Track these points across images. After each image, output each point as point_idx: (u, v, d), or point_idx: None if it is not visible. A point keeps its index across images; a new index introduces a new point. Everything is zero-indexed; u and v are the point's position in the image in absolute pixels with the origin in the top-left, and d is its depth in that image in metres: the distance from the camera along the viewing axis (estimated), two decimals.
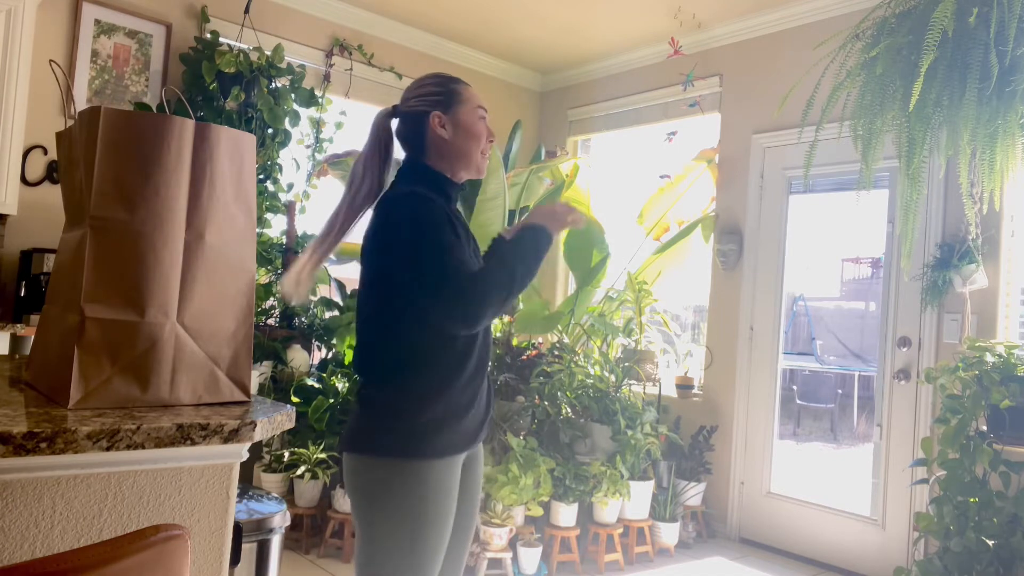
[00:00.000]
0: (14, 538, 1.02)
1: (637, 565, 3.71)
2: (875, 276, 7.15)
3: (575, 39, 4.89)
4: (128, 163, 1.17)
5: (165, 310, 1.19)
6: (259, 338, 3.82)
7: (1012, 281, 3.38)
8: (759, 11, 4.25)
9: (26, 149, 3.57)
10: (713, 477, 4.28)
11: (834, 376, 7.24)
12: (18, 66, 3.38)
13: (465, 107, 1.64)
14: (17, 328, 3.22)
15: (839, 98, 3.06)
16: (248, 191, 1.30)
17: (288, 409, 1.27)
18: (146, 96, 3.93)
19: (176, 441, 1.06)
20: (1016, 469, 2.71)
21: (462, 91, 1.66)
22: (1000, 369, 2.80)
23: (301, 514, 3.54)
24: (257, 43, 4.16)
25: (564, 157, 4.79)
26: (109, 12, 3.82)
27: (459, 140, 1.62)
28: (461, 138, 1.63)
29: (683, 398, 4.43)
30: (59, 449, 0.96)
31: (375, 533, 1.50)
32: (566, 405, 3.79)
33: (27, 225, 3.56)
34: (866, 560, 3.70)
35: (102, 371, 1.14)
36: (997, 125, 2.67)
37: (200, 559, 1.17)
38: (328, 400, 3.64)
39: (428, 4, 4.50)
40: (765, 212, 4.28)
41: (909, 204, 2.92)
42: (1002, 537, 2.68)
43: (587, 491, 3.52)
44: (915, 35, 2.78)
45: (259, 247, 3.98)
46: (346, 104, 4.61)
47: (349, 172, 1.65)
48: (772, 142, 4.25)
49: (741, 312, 4.31)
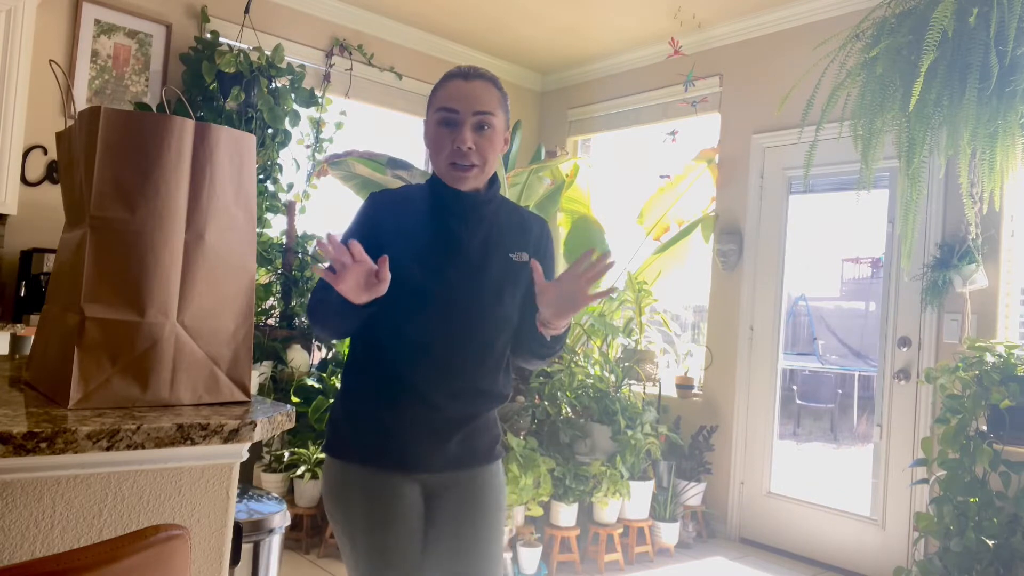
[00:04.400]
0: (14, 538, 1.02)
1: (637, 565, 3.71)
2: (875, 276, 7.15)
3: (575, 39, 4.89)
4: (128, 163, 1.17)
5: (165, 310, 1.19)
6: (259, 338, 3.82)
7: (1012, 281, 3.37)
8: (759, 11, 4.25)
9: (26, 149, 3.57)
10: (713, 477, 4.28)
11: (834, 376, 7.23)
12: (18, 66, 3.38)
13: (430, 112, 1.49)
14: (17, 328, 3.22)
15: (839, 98, 3.06)
16: (248, 191, 1.30)
17: (288, 409, 1.27)
18: (146, 96, 3.93)
19: (176, 441, 1.06)
20: (1016, 469, 2.71)
21: (435, 92, 1.49)
22: (1000, 369, 2.80)
23: (301, 514, 3.54)
24: (257, 43, 4.16)
25: (564, 157, 4.79)
26: (109, 12, 3.82)
27: (430, 151, 1.49)
28: (430, 150, 1.49)
29: (683, 398, 4.43)
30: (59, 449, 0.96)
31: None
32: (566, 405, 3.79)
33: (27, 225, 3.56)
34: (866, 560, 3.70)
35: (102, 371, 1.14)
36: (997, 125, 2.67)
37: (200, 559, 1.17)
38: (328, 400, 3.64)
39: (428, 4, 4.50)
40: (765, 212, 4.28)
41: (909, 204, 2.92)
42: (1002, 537, 2.68)
43: (587, 491, 3.51)
44: (915, 35, 2.78)
45: (259, 247, 3.98)
46: (346, 104, 4.61)
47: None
48: (772, 142, 4.25)
49: (741, 312, 4.31)
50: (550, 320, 1.42)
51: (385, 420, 1.47)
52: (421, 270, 1.41)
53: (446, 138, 1.44)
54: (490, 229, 1.52)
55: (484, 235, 1.51)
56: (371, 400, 1.48)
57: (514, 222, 1.57)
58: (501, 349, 1.53)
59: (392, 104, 4.86)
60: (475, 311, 1.48)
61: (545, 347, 1.50)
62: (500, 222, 1.55)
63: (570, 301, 1.37)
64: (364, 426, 1.48)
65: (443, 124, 1.45)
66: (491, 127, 1.46)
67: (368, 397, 1.49)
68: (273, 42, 4.20)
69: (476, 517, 1.53)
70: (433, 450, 1.48)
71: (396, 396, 1.46)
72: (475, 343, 1.49)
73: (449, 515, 1.52)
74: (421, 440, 1.47)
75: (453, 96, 1.44)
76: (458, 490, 1.52)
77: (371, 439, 1.47)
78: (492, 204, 1.54)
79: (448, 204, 1.50)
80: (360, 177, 4.15)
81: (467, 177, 1.46)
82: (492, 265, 1.50)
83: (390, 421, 1.46)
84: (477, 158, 1.44)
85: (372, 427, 1.47)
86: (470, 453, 1.52)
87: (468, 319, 1.47)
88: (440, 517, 1.51)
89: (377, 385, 1.48)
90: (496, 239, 1.52)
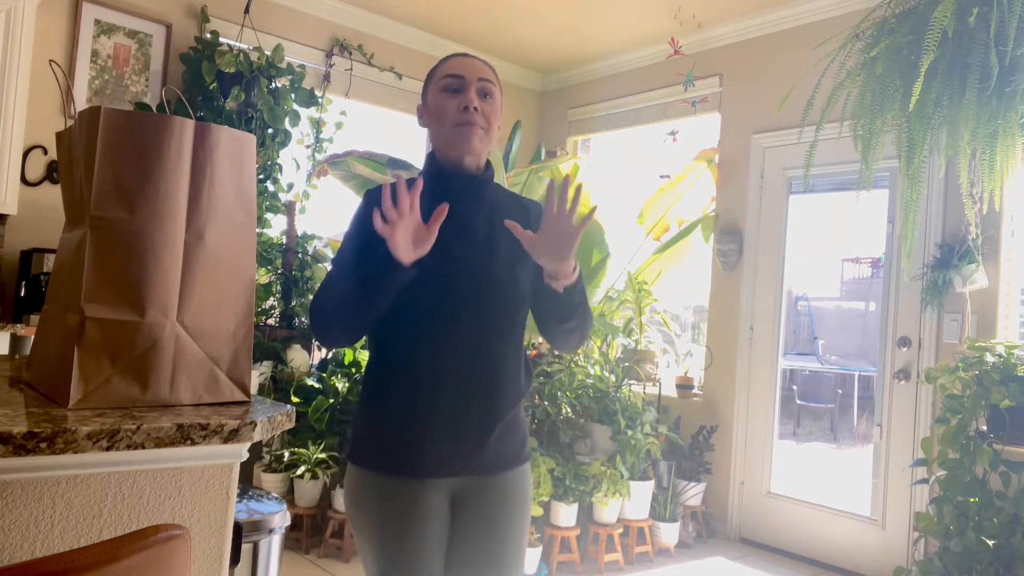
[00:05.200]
0: (14, 538, 1.02)
1: (637, 565, 3.71)
2: (875, 276, 7.14)
3: (575, 39, 4.89)
4: (128, 163, 1.17)
5: (165, 310, 1.19)
6: (259, 338, 3.82)
7: (1012, 281, 3.37)
8: (759, 11, 4.25)
9: (26, 149, 3.57)
10: (713, 477, 4.28)
11: (834, 376, 7.23)
12: (18, 66, 3.38)
13: (431, 86, 1.50)
14: (17, 328, 3.22)
15: (839, 98, 3.06)
16: (248, 191, 1.30)
17: (288, 409, 1.27)
18: (146, 96, 3.93)
19: (176, 441, 1.06)
20: (1016, 469, 2.71)
21: (434, 70, 1.51)
22: (1000, 369, 2.80)
23: (301, 514, 3.54)
24: (257, 43, 4.16)
25: (564, 157, 4.79)
26: (109, 12, 3.82)
27: (432, 124, 1.49)
28: (433, 122, 1.49)
29: (683, 398, 4.43)
30: (59, 449, 0.96)
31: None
32: (566, 405, 3.79)
33: (27, 225, 3.56)
34: (866, 560, 3.70)
35: (102, 371, 1.14)
36: (997, 125, 2.67)
37: (200, 559, 1.17)
38: (328, 400, 3.64)
39: (428, 4, 4.50)
40: (765, 212, 4.28)
41: (909, 204, 2.92)
42: (1002, 537, 2.68)
43: (587, 491, 3.52)
44: (915, 35, 2.78)
45: (259, 247, 3.98)
46: (346, 104, 4.61)
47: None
48: (772, 142, 4.25)
49: (741, 312, 4.31)
50: (554, 268, 1.38)
51: (408, 424, 1.42)
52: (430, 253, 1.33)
53: (451, 102, 1.45)
54: (493, 208, 1.52)
55: (488, 213, 1.51)
56: (393, 402, 1.44)
57: (512, 202, 1.58)
58: (519, 329, 1.50)
59: (392, 104, 4.87)
60: (489, 287, 1.45)
61: (562, 304, 1.43)
62: (501, 202, 1.55)
63: (561, 240, 1.35)
64: (386, 431, 1.44)
65: (447, 90, 1.46)
66: (492, 97, 1.48)
67: (390, 399, 1.45)
68: (273, 42, 4.20)
69: (502, 523, 1.49)
70: (464, 455, 1.44)
71: (418, 394, 1.42)
72: (494, 321, 1.45)
73: (477, 522, 1.48)
74: (449, 444, 1.43)
75: (457, 66, 1.47)
76: (489, 496, 1.48)
77: (393, 445, 1.43)
78: (490, 185, 1.54)
79: (449, 184, 1.48)
80: (360, 177, 4.15)
81: (473, 134, 1.44)
82: (499, 242, 1.49)
83: (413, 425, 1.42)
84: (482, 120, 1.45)
85: (395, 433, 1.43)
86: (501, 456, 1.48)
87: (483, 296, 1.44)
88: (467, 523, 1.48)
89: (399, 385, 1.44)
90: (499, 217, 1.51)
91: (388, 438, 1.43)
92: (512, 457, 1.51)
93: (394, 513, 1.40)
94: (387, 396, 1.45)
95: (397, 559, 1.40)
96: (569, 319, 1.47)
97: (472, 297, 1.43)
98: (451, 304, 1.42)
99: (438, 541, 1.43)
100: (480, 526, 1.47)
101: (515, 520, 1.51)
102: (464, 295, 1.43)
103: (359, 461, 1.46)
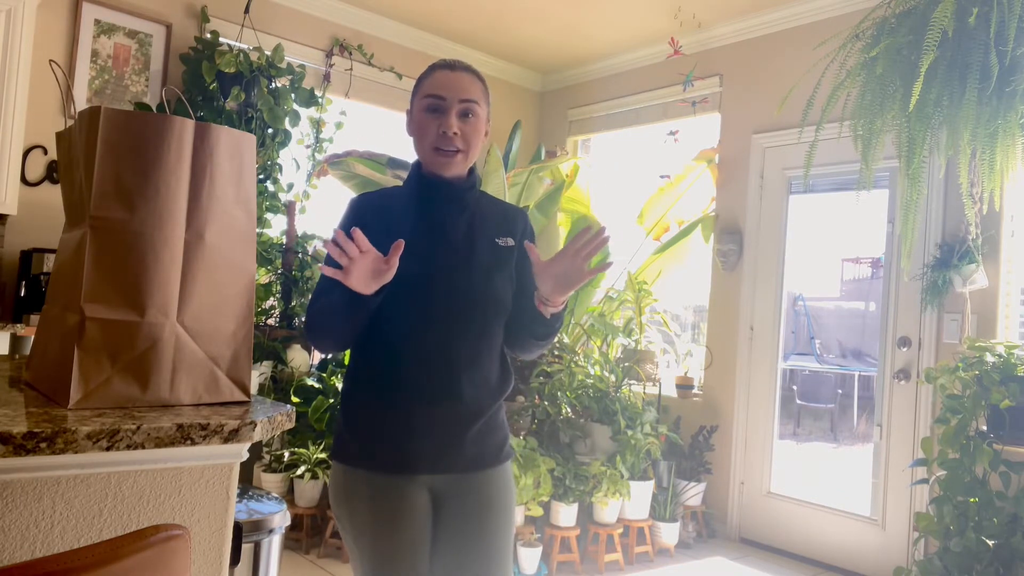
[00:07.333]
0: (14, 538, 1.02)
1: (637, 565, 3.71)
2: (875, 276, 7.14)
3: (575, 39, 4.89)
4: (128, 163, 1.17)
5: (165, 310, 1.19)
6: (259, 338, 3.82)
7: (1012, 281, 3.37)
8: (759, 11, 4.25)
9: (26, 149, 3.57)
10: (713, 477, 4.28)
11: (834, 376, 7.23)
12: (18, 66, 3.38)
13: (416, 99, 1.52)
14: (17, 328, 3.22)
15: (839, 98, 3.06)
16: (248, 191, 1.30)
17: (288, 409, 1.27)
18: (146, 96, 3.93)
19: (176, 441, 1.06)
20: (1016, 469, 2.71)
21: (421, 81, 1.52)
22: (1000, 369, 2.80)
23: (301, 514, 3.54)
24: (257, 43, 4.16)
25: (564, 157, 4.79)
26: (109, 12, 3.82)
27: (414, 138, 1.52)
28: (415, 136, 1.52)
29: (683, 398, 4.43)
30: (59, 449, 0.96)
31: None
32: (566, 405, 3.79)
33: (27, 225, 3.56)
34: (866, 560, 3.70)
35: (102, 371, 1.14)
36: (997, 125, 2.67)
37: (200, 559, 1.17)
38: (328, 400, 3.64)
39: (428, 4, 4.50)
40: (765, 212, 4.28)
41: (909, 204, 2.92)
42: (1002, 537, 2.68)
43: (587, 491, 3.52)
44: (915, 35, 2.78)
45: (259, 247, 3.98)
46: (346, 104, 4.61)
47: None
48: (772, 142, 4.25)
49: (741, 312, 4.31)
50: (549, 296, 1.44)
51: (387, 421, 1.46)
52: (408, 258, 1.38)
53: (432, 124, 1.48)
54: (473, 215, 1.56)
55: (468, 221, 1.55)
56: (372, 401, 1.48)
57: (496, 210, 1.62)
58: (496, 334, 1.54)
59: (392, 104, 4.86)
60: (466, 294, 1.48)
61: (545, 326, 1.50)
62: (483, 210, 1.59)
63: (569, 277, 1.40)
64: (367, 428, 1.48)
65: (429, 111, 1.48)
66: (475, 115, 1.50)
67: (369, 397, 1.49)
68: (273, 42, 4.20)
69: (486, 521, 1.51)
70: (441, 452, 1.47)
71: (396, 393, 1.45)
72: (470, 327, 1.49)
73: (458, 519, 1.50)
74: (427, 441, 1.46)
75: (439, 84, 1.48)
76: (469, 494, 1.51)
77: (374, 442, 1.47)
78: (473, 192, 1.57)
79: (431, 192, 1.53)
80: (360, 177, 4.15)
81: (451, 162, 1.49)
82: (478, 249, 1.52)
83: (393, 422, 1.46)
84: (462, 143, 1.48)
85: (375, 429, 1.47)
86: (479, 455, 1.52)
87: (459, 302, 1.48)
88: (449, 521, 1.50)
89: (378, 384, 1.48)
90: (480, 225, 1.55)
91: (368, 435, 1.48)
92: (491, 456, 1.54)
93: (375, 508, 1.44)
94: (366, 395, 1.50)
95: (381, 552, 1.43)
96: (546, 339, 1.55)
97: (449, 301, 1.47)
98: (428, 308, 1.46)
99: (421, 537, 1.46)
100: (462, 523, 1.51)
101: (498, 518, 1.53)
102: (441, 299, 1.47)
103: (341, 458, 1.51)
